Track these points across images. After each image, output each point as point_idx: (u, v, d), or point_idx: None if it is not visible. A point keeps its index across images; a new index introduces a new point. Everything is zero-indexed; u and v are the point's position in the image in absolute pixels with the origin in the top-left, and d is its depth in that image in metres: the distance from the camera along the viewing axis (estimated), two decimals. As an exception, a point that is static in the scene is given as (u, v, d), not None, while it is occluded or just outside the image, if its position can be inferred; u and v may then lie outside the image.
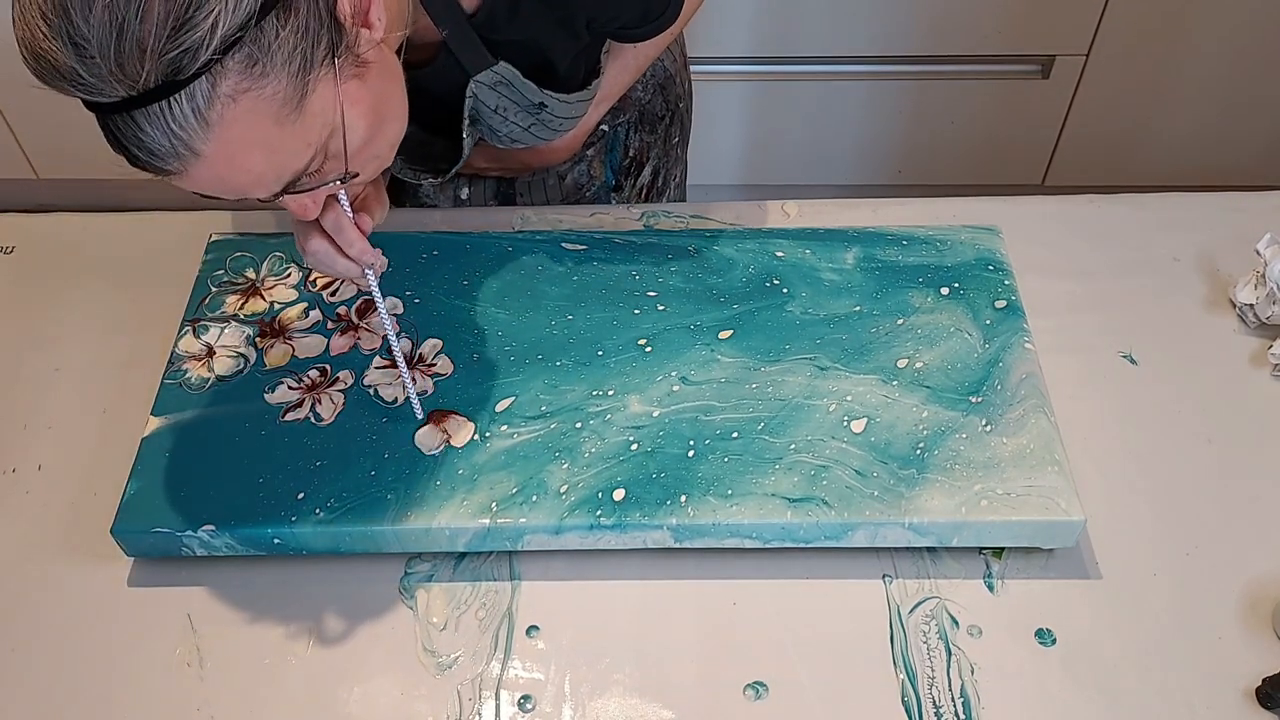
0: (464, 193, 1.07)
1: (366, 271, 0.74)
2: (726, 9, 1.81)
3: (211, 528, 0.75)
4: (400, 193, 1.08)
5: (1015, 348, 0.84)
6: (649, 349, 0.84)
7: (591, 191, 1.09)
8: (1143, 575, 0.77)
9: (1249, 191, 1.03)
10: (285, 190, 0.64)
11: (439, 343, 0.85)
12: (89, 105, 0.58)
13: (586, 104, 0.90)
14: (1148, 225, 0.99)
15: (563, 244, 0.92)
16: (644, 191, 1.14)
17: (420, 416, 0.80)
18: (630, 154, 1.10)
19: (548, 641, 0.74)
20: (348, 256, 0.73)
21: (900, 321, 0.86)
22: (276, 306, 0.88)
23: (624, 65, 0.94)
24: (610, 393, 0.81)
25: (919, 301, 0.87)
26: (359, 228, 0.72)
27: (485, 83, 0.81)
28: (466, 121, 0.84)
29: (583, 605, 0.76)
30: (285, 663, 0.74)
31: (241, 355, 0.85)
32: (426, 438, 0.79)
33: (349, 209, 0.71)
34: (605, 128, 1.06)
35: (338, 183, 0.67)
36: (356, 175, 0.67)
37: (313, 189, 0.66)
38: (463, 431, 0.79)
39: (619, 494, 0.76)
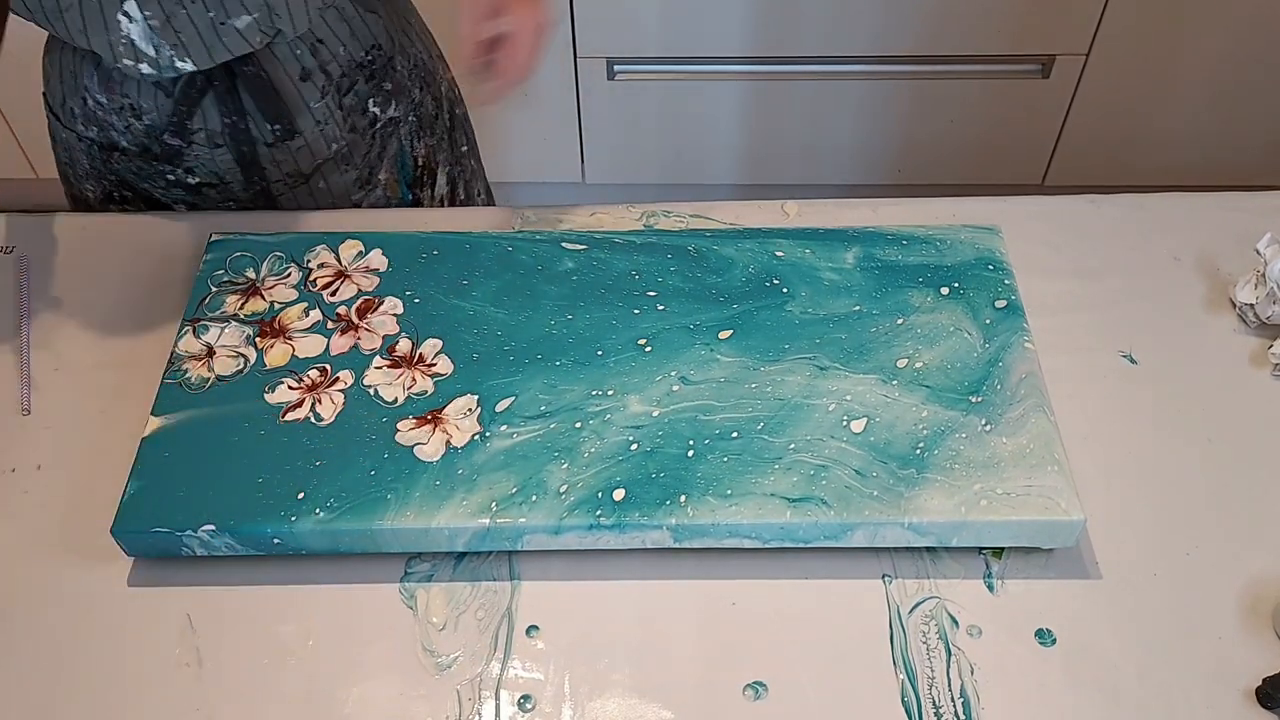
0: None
1: None
2: (725, 8, 1.81)
3: (211, 527, 0.75)
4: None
5: (1015, 347, 0.84)
6: (649, 349, 0.84)
7: None
8: (1143, 575, 0.77)
9: (1249, 191, 1.03)
10: None
11: (439, 343, 0.85)
12: None
13: None
14: (1148, 225, 0.99)
15: (563, 244, 0.92)
16: (445, 204, 1.14)
17: None
18: (419, 163, 1.10)
19: (547, 641, 0.74)
20: None
21: (900, 321, 0.86)
22: (276, 306, 0.88)
23: None
24: (610, 393, 0.81)
25: (919, 301, 0.87)
26: None
27: None
28: None
29: (583, 605, 0.76)
30: (285, 663, 0.74)
31: (241, 355, 0.85)
32: (427, 449, 0.79)
33: None
34: (394, 141, 1.06)
35: None
36: None
37: None
38: (462, 431, 0.79)
39: (619, 494, 0.76)
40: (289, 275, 0.91)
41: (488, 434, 0.79)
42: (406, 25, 1.07)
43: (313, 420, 0.80)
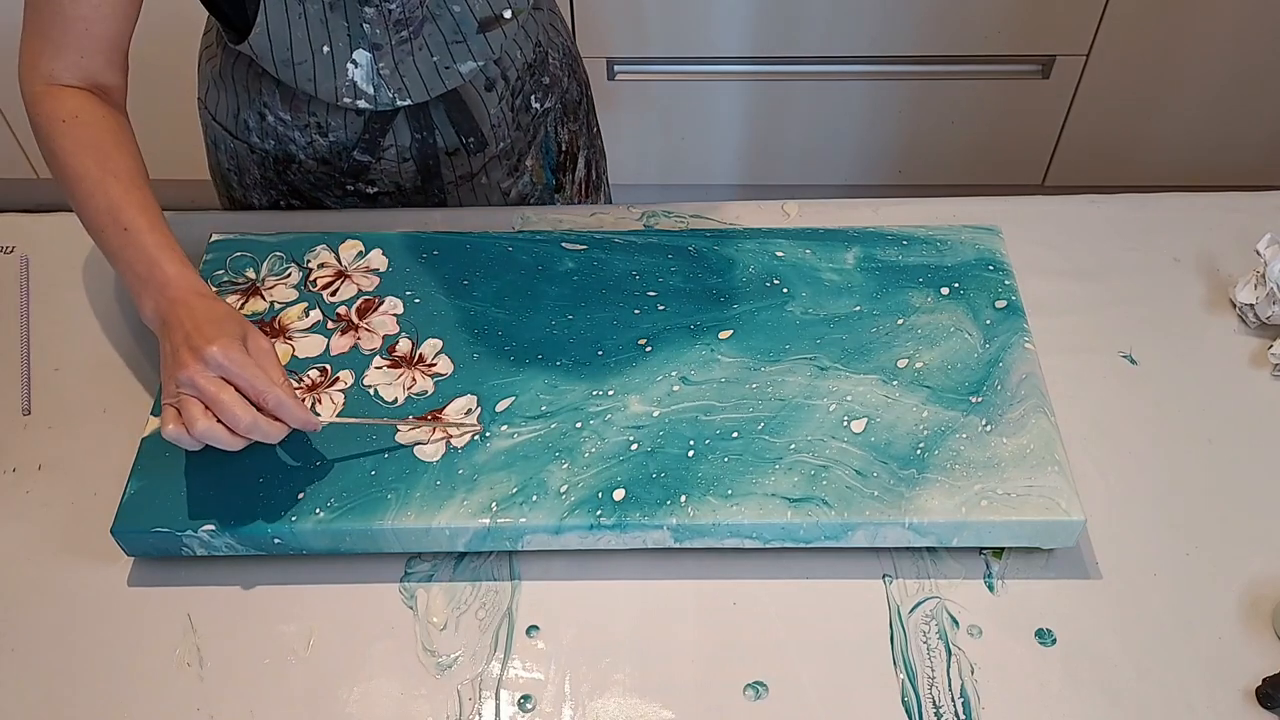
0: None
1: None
2: (726, 8, 1.81)
3: (211, 528, 0.75)
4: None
5: (1015, 348, 0.84)
6: (649, 349, 0.84)
7: (534, 199, 1.09)
8: (1143, 575, 0.77)
9: (1249, 191, 1.03)
10: None
11: (439, 343, 0.85)
12: None
13: None
14: (1148, 225, 0.99)
15: (563, 244, 0.92)
16: (583, 187, 1.14)
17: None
18: (563, 148, 1.10)
19: (548, 641, 0.74)
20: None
21: (900, 321, 0.86)
22: (276, 306, 0.88)
23: None
24: (610, 393, 0.81)
25: (919, 301, 0.87)
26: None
27: None
28: None
29: (583, 605, 0.76)
30: (285, 663, 0.74)
31: (241, 355, 0.85)
32: (427, 449, 0.79)
33: None
34: (541, 129, 1.06)
35: None
36: None
37: None
38: (462, 431, 0.79)
39: (619, 494, 0.76)
40: (289, 275, 0.91)
41: (488, 434, 0.79)
42: (554, 14, 1.08)
43: (313, 420, 0.80)
